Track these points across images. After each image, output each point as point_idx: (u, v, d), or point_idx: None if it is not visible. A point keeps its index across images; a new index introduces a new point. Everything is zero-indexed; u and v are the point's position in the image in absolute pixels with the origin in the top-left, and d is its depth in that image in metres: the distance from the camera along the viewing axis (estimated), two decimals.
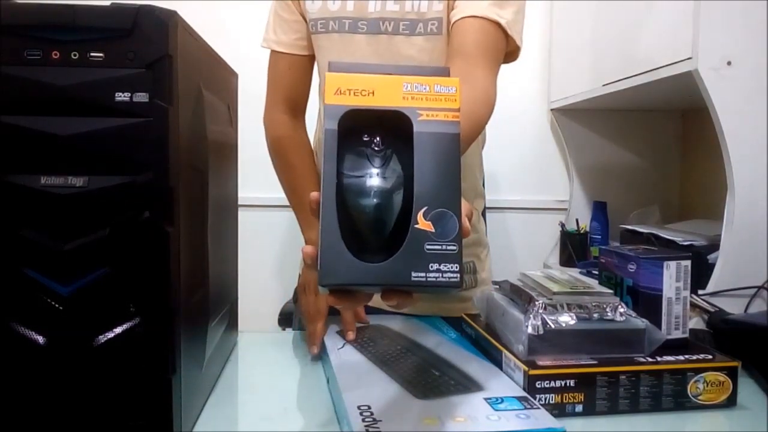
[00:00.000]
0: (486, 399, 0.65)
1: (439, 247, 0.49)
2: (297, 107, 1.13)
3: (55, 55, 0.55)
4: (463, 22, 0.94)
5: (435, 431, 0.58)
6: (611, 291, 0.77)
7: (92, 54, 0.55)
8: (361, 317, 0.96)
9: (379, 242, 0.50)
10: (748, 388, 0.76)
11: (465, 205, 0.54)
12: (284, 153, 1.10)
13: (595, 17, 1.79)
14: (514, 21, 0.96)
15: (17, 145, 0.55)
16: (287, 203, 1.09)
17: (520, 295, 0.80)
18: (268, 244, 2.08)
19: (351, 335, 0.89)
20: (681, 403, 0.71)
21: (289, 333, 1.38)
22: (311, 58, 1.11)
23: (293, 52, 1.09)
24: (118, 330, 0.57)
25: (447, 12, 0.99)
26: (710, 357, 0.73)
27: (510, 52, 0.97)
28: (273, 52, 1.11)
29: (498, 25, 0.93)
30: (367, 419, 0.60)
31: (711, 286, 1.11)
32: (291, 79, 1.11)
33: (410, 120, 0.50)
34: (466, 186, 1.09)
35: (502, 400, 0.64)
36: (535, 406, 0.63)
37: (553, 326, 0.72)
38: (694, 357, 0.73)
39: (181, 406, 0.60)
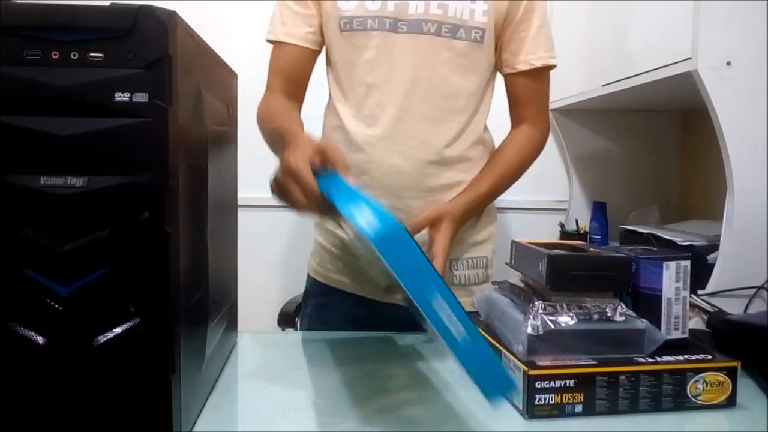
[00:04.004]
0: None
1: None
2: (295, 98, 1.13)
3: (55, 55, 0.55)
4: (522, 76, 1.10)
5: None
6: (611, 291, 0.77)
7: (92, 54, 0.55)
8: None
9: None
10: (747, 389, 0.77)
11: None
12: (270, 111, 1.09)
13: (594, 17, 1.79)
14: (554, 49, 1.12)
15: (17, 145, 0.55)
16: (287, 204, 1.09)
17: (519, 295, 0.80)
18: (268, 244, 2.08)
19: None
20: (681, 403, 0.71)
21: (289, 333, 1.38)
22: (316, 54, 1.12)
23: (303, 44, 1.10)
24: (118, 330, 0.57)
25: (492, 24, 1.06)
26: (710, 357, 0.73)
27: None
28: (278, 44, 1.11)
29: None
30: None
31: (710, 287, 1.10)
32: (295, 71, 1.12)
33: None
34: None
35: None
36: None
37: (552, 326, 0.72)
38: (694, 357, 0.73)
39: (180, 406, 0.60)
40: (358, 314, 1.10)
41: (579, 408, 0.69)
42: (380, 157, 1.05)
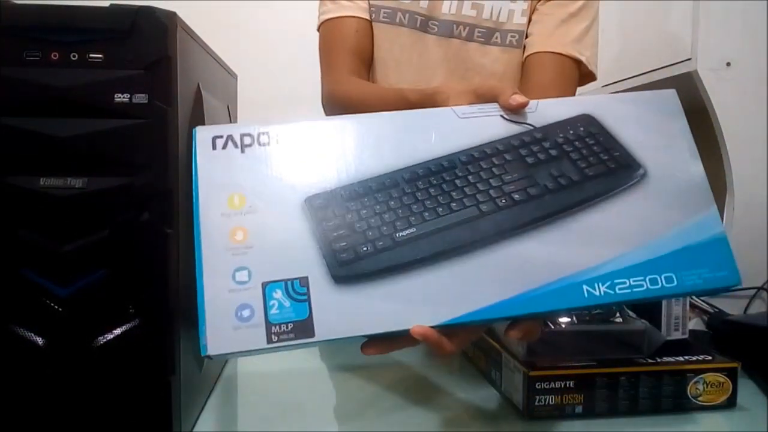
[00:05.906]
0: None
1: None
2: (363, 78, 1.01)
3: (54, 56, 0.55)
4: (541, 56, 0.95)
5: None
6: None
7: (91, 55, 0.55)
8: None
9: None
10: (747, 389, 0.76)
11: None
12: (370, 90, 0.93)
13: None
14: (592, 54, 0.97)
15: (16, 146, 0.55)
16: None
17: None
18: None
19: None
20: (681, 404, 0.71)
21: None
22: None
23: (363, 15, 0.99)
24: (118, 331, 0.57)
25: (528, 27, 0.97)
26: (710, 358, 0.73)
27: (584, 75, 0.99)
28: (331, 21, 1.00)
29: (577, 61, 0.95)
30: None
31: None
32: (359, 43, 0.99)
33: None
34: None
35: None
36: None
37: (552, 327, 0.72)
38: (694, 358, 0.73)
39: (180, 407, 0.60)
40: None
41: (579, 409, 0.69)
42: None
